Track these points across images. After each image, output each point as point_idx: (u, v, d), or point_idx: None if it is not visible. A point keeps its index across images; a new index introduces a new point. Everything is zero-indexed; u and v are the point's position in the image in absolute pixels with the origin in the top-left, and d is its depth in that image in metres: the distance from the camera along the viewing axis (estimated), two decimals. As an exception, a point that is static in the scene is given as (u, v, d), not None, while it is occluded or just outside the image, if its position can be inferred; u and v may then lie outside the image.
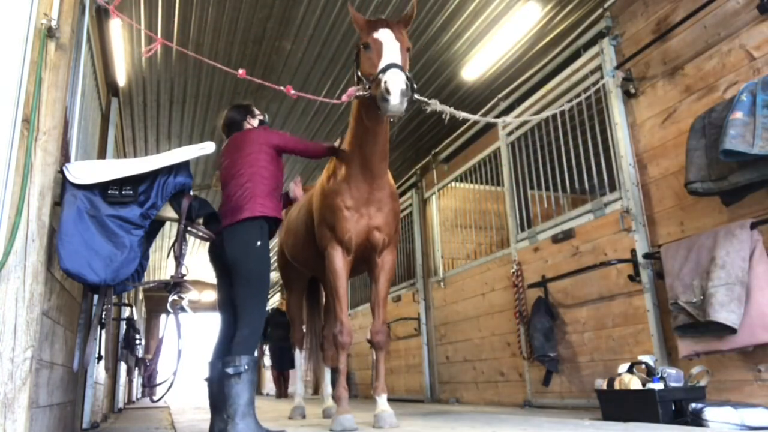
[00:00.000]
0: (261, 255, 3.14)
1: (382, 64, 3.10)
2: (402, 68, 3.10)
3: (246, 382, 2.83)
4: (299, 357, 5.46)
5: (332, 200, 3.71)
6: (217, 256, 3.28)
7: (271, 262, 3.32)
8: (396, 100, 2.96)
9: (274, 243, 6.48)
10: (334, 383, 4.04)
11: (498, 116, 5.91)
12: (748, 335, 2.93)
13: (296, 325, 5.47)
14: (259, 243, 3.12)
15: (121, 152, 6.19)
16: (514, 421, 3.51)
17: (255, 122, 3.63)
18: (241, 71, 3.17)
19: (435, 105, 3.42)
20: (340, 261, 3.70)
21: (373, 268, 3.86)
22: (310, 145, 3.78)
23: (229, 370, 2.82)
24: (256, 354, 3.06)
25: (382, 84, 2.99)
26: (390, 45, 3.19)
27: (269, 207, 3.18)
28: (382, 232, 3.73)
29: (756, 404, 2.88)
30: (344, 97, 3.33)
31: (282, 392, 12.59)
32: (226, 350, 3.10)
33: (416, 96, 3.26)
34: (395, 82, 2.97)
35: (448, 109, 3.49)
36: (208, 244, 3.23)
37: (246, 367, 2.82)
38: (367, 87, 3.21)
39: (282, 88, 3.25)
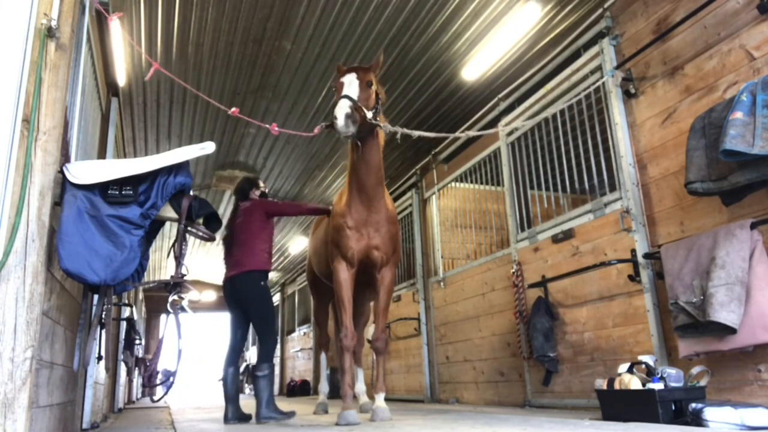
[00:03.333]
0: (265, 293, 4.51)
1: (338, 96, 3.75)
2: (350, 98, 3.67)
3: (268, 380, 4.31)
4: (324, 359, 6.04)
5: (337, 221, 4.29)
6: (232, 295, 4.63)
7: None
8: (341, 122, 3.53)
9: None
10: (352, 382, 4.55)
11: (498, 116, 5.92)
12: (748, 335, 2.93)
13: (322, 330, 6.15)
14: (262, 283, 4.50)
15: (121, 152, 6.20)
16: (514, 421, 3.52)
17: (257, 193, 5.00)
18: (233, 110, 3.63)
19: (386, 127, 3.92)
20: (344, 273, 4.22)
21: (374, 282, 4.38)
22: (297, 206, 5.23)
23: (258, 374, 4.28)
24: (274, 362, 4.56)
25: (333, 113, 3.59)
26: (348, 84, 3.80)
27: (261, 262, 4.56)
28: (380, 251, 4.25)
29: (756, 404, 2.88)
30: (315, 130, 3.96)
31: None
32: (236, 358, 4.65)
33: (371, 120, 3.78)
34: (340, 108, 3.58)
35: (401, 130, 3.99)
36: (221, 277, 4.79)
37: (267, 371, 4.32)
38: (328, 125, 3.81)
39: (267, 125, 3.82)
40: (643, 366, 3.27)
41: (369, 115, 3.78)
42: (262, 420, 4.15)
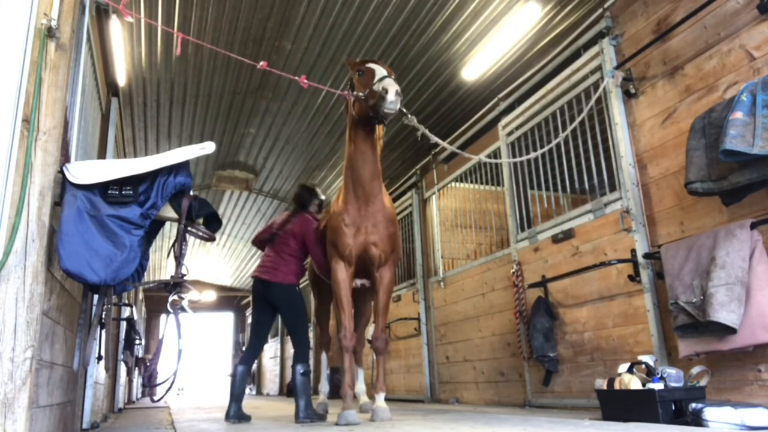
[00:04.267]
0: (300, 297, 4.72)
1: (377, 77, 3.73)
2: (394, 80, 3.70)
3: (307, 380, 4.40)
4: (325, 359, 5.97)
5: (334, 222, 4.25)
6: (264, 297, 4.74)
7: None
8: (392, 97, 3.56)
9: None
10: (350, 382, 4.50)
11: (498, 116, 5.91)
12: (748, 335, 2.93)
13: (323, 330, 6.08)
14: (297, 289, 4.73)
15: (121, 152, 6.19)
16: (514, 421, 3.51)
17: (315, 205, 5.09)
18: (262, 63, 3.50)
19: (412, 121, 3.97)
20: (342, 273, 4.20)
21: (374, 282, 4.35)
22: (319, 257, 4.89)
23: (299, 371, 4.36)
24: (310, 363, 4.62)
25: (381, 88, 3.60)
26: (380, 68, 3.85)
27: (296, 276, 4.77)
28: (378, 248, 4.20)
29: (756, 404, 2.88)
30: (345, 93, 4.01)
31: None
32: (250, 360, 4.82)
33: (403, 109, 3.83)
34: (392, 85, 3.60)
35: (422, 129, 4.03)
36: (251, 282, 4.99)
37: (305, 369, 4.39)
38: (363, 98, 3.79)
39: (296, 78, 3.69)
40: (643, 366, 3.27)
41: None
42: (301, 421, 4.18)
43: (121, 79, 5.03)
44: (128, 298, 8.34)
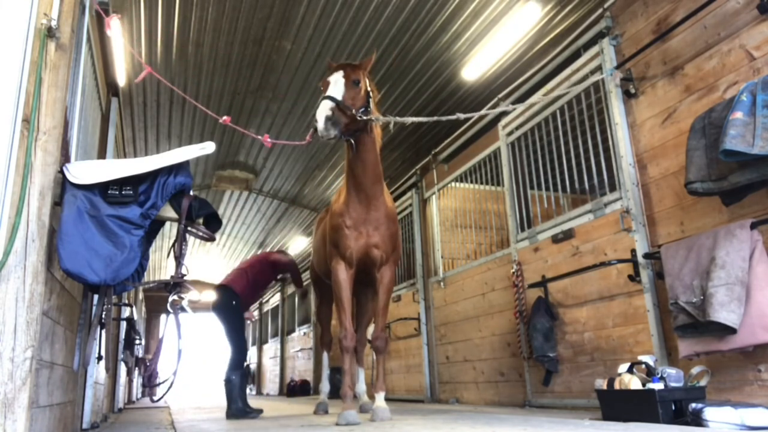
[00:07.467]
0: (235, 311, 5.79)
1: (320, 97, 3.62)
2: (332, 98, 3.57)
3: (236, 385, 5.42)
4: (326, 359, 6.03)
5: (335, 221, 4.23)
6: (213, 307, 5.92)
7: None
8: (320, 126, 3.46)
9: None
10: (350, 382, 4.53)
11: (498, 116, 5.91)
12: (748, 335, 2.93)
13: (324, 329, 6.13)
14: (233, 303, 5.74)
15: (121, 152, 6.19)
16: (514, 421, 3.51)
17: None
18: (225, 118, 3.41)
19: (379, 119, 3.87)
20: (343, 273, 4.17)
21: (374, 281, 4.36)
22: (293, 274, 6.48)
23: (229, 379, 5.47)
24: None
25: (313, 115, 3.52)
26: (333, 83, 3.70)
27: (240, 286, 5.91)
28: (379, 250, 4.20)
29: (756, 404, 2.88)
30: (307, 137, 3.85)
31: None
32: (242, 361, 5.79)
33: (362, 116, 3.71)
34: (320, 111, 3.49)
35: (392, 119, 3.90)
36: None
37: (234, 377, 5.46)
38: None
39: (259, 137, 3.63)
40: (643, 366, 3.27)
41: (358, 113, 3.71)
42: (229, 418, 5.24)
43: (121, 79, 5.03)
44: (128, 298, 8.34)
